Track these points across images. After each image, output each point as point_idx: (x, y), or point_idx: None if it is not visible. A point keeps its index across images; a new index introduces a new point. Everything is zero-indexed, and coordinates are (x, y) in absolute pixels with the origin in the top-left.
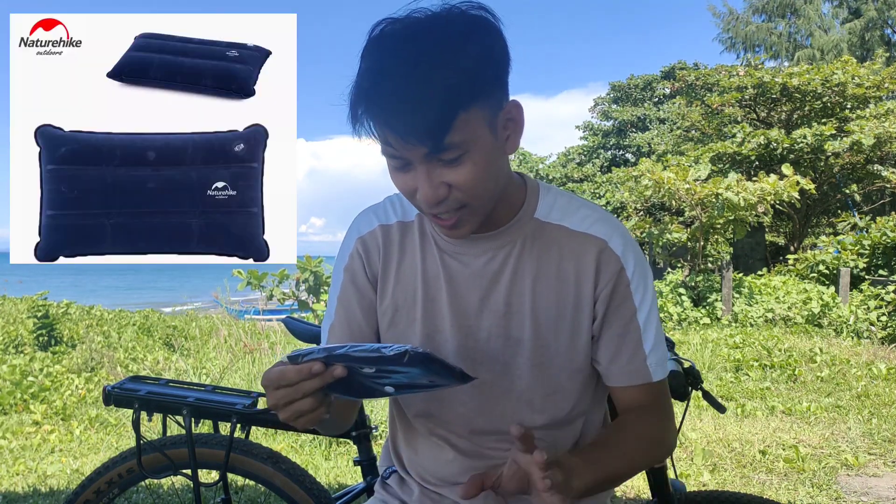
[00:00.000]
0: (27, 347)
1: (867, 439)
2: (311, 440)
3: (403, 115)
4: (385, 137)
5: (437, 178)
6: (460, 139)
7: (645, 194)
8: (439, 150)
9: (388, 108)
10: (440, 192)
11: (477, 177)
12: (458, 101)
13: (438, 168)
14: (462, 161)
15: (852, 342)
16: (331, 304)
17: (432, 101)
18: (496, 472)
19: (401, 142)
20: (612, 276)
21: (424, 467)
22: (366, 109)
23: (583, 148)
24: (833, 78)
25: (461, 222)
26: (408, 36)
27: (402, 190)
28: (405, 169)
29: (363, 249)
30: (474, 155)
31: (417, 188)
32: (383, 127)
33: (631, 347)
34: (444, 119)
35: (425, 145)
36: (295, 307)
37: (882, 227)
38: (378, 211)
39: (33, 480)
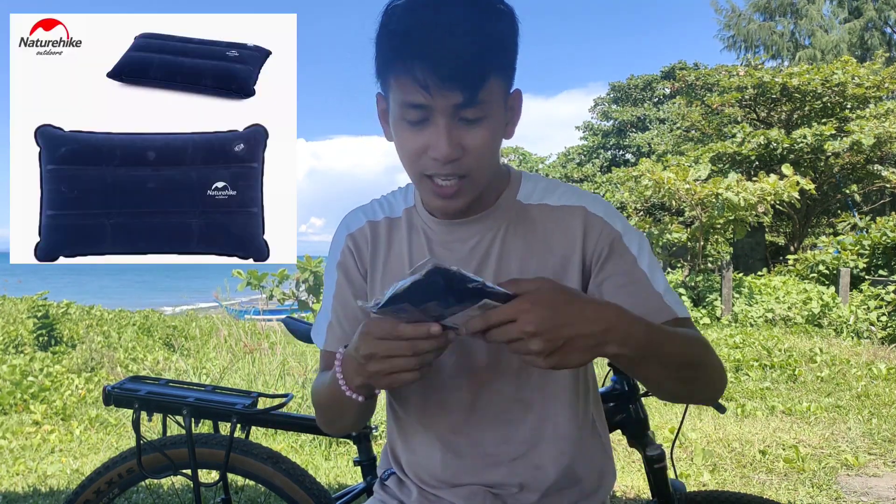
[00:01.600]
0: (27, 347)
1: (867, 439)
2: (311, 440)
3: (451, 59)
4: (424, 81)
5: (456, 137)
6: (486, 100)
7: (645, 194)
8: (471, 103)
9: (436, 51)
10: (455, 152)
11: (487, 145)
12: (492, 62)
13: (458, 128)
14: (480, 124)
15: (852, 342)
16: (326, 304)
17: (477, 53)
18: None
19: (440, 86)
20: (598, 234)
21: (422, 467)
22: (412, 51)
23: (583, 148)
24: (833, 78)
25: (459, 192)
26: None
27: (410, 150)
28: (423, 124)
29: (353, 245)
30: (490, 122)
31: (430, 146)
32: (427, 69)
33: (642, 291)
34: (483, 73)
35: (462, 93)
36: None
37: (882, 227)
38: (366, 209)
39: (33, 480)
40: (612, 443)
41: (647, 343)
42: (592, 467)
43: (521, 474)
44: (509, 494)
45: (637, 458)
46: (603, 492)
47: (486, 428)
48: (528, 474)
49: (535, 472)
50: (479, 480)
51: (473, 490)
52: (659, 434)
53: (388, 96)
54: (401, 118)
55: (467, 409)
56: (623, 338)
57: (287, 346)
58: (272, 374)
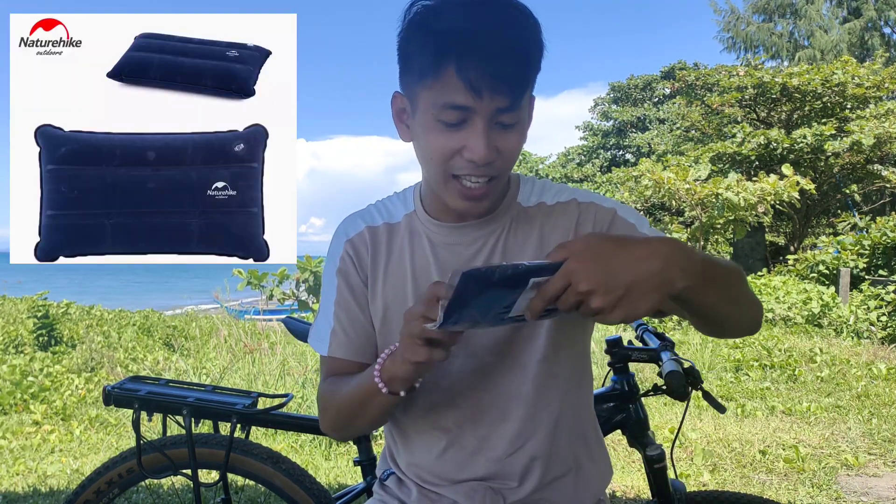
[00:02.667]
0: (27, 347)
1: (867, 439)
2: (311, 440)
3: (505, 62)
4: (475, 82)
5: (493, 140)
6: (524, 106)
7: (645, 194)
8: (513, 108)
9: (493, 52)
10: (493, 155)
11: (517, 149)
12: (535, 67)
13: (494, 131)
14: (515, 129)
15: (852, 342)
16: (326, 310)
17: (527, 56)
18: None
19: (491, 88)
20: (594, 216)
21: (422, 467)
22: (463, 50)
23: (583, 148)
24: (833, 78)
25: (486, 195)
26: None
27: (442, 150)
28: (459, 126)
29: (353, 251)
30: (522, 127)
31: (466, 148)
32: (481, 69)
33: None
34: (528, 77)
35: (507, 97)
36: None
37: (882, 227)
38: (364, 215)
39: (33, 480)
40: (612, 443)
41: (705, 268)
42: (586, 455)
43: (519, 468)
44: (508, 489)
45: (637, 458)
46: (598, 485)
47: (489, 424)
48: (526, 468)
49: (532, 464)
50: (479, 475)
51: (473, 486)
52: (659, 434)
53: (417, 96)
54: (435, 119)
55: (473, 407)
56: (683, 268)
57: (287, 346)
58: (272, 374)
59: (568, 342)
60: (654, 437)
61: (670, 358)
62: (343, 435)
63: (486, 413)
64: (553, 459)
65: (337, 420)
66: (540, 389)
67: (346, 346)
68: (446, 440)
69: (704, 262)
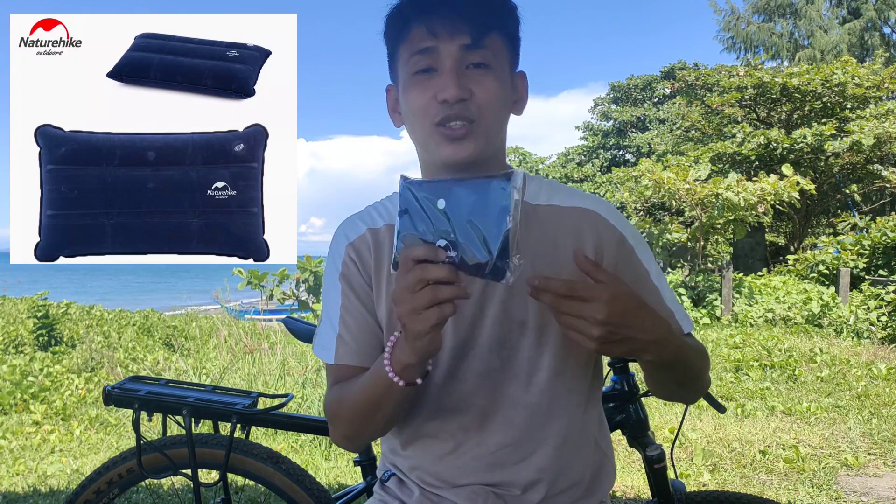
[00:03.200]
0: (27, 347)
1: (867, 439)
2: (311, 440)
3: (460, 5)
4: (431, 26)
5: (463, 80)
6: (491, 49)
7: (645, 194)
8: (476, 45)
9: (447, 1)
10: (464, 93)
11: (494, 94)
12: (497, 18)
13: (465, 74)
14: (487, 72)
15: (852, 342)
16: (331, 316)
17: (484, 5)
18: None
19: (447, 25)
20: (614, 245)
21: (425, 470)
22: (418, 6)
23: (583, 148)
24: (833, 78)
25: (468, 136)
26: None
27: (418, 101)
28: (429, 73)
29: (355, 254)
30: (496, 75)
31: (439, 91)
32: (434, 13)
33: (658, 307)
34: (488, 20)
35: (467, 33)
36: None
37: (882, 227)
38: (363, 217)
39: (33, 480)
40: (612, 443)
41: (675, 356)
42: (594, 468)
43: (524, 476)
44: (512, 496)
45: (637, 458)
46: (603, 491)
47: (495, 431)
48: (532, 476)
49: (539, 473)
50: (483, 481)
51: (476, 490)
52: (659, 434)
53: (398, 67)
54: (410, 74)
55: (477, 413)
56: (661, 350)
57: (287, 346)
58: (272, 374)
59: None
60: (654, 437)
61: None
62: (358, 444)
63: (490, 420)
64: (562, 474)
65: (350, 428)
66: (549, 401)
67: (354, 352)
68: (449, 446)
69: (679, 351)
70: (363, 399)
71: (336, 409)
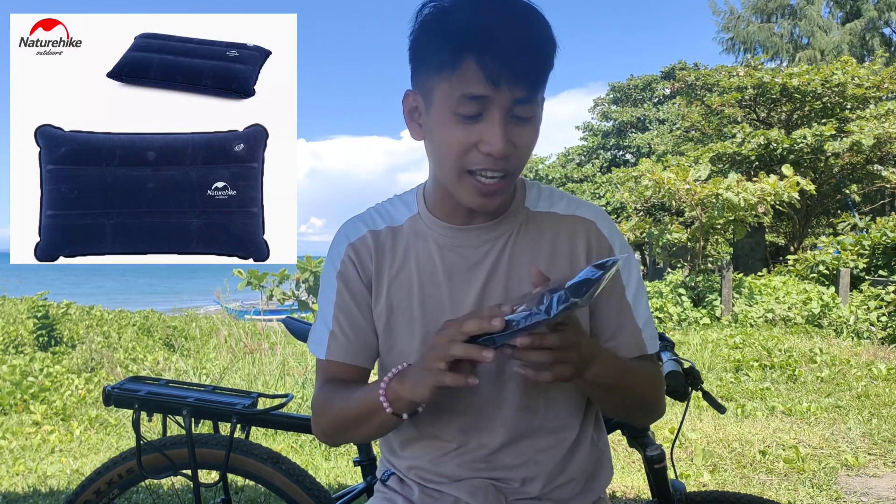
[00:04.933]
0: (27, 347)
1: (867, 439)
2: (311, 440)
3: (519, 54)
4: (494, 72)
5: (509, 133)
6: (538, 102)
7: (645, 195)
8: (530, 100)
9: (512, 43)
10: (508, 148)
11: (531, 145)
12: (549, 63)
13: (511, 125)
14: (530, 124)
15: (852, 342)
16: (326, 313)
17: (544, 50)
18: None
19: (510, 78)
20: (602, 255)
21: (425, 469)
22: (483, 43)
23: (582, 148)
24: (833, 78)
25: (500, 191)
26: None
27: (458, 145)
28: (476, 119)
29: (355, 255)
30: (536, 124)
31: (482, 141)
32: (500, 60)
33: (626, 325)
34: (545, 71)
35: (524, 88)
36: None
37: (882, 227)
38: (365, 219)
39: (33, 480)
40: (612, 443)
41: (615, 379)
42: (591, 465)
43: (523, 472)
44: (511, 489)
45: (637, 458)
46: (600, 487)
47: (494, 431)
48: (531, 472)
49: (537, 470)
50: (482, 475)
51: (476, 483)
52: (659, 434)
53: (432, 92)
54: (452, 112)
55: (477, 415)
56: (597, 376)
57: (287, 347)
58: (272, 375)
59: None
60: (654, 437)
61: (670, 358)
62: (335, 441)
63: (489, 421)
64: (560, 471)
65: (332, 428)
66: (546, 401)
67: (346, 350)
68: (448, 447)
69: (618, 374)
70: (352, 410)
71: (322, 407)
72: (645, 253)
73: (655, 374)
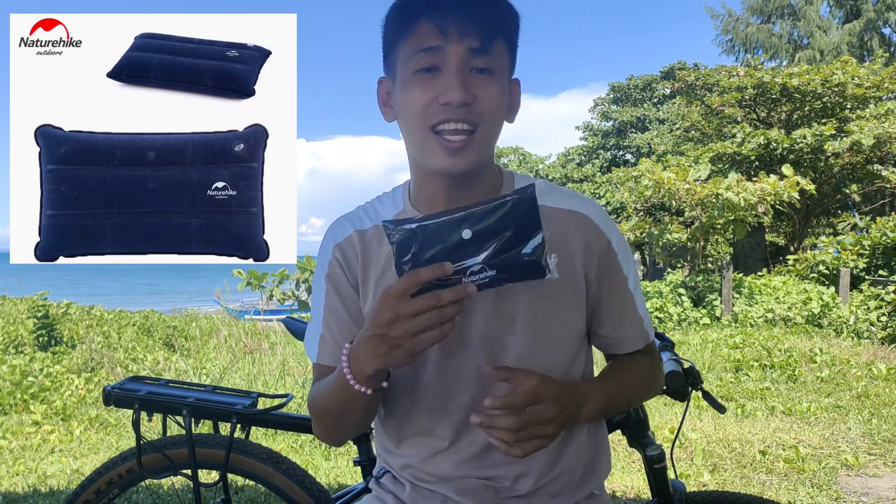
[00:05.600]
0: (27, 347)
1: (867, 439)
2: (311, 440)
3: (470, 6)
4: (441, 23)
5: (468, 84)
6: (495, 56)
7: (645, 194)
8: (484, 51)
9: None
10: (468, 97)
11: (495, 102)
12: (503, 25)
13: (469, 77)
14: (492, 77)
15: (852, 342)
16: (316, 316)
17: (492, 9)
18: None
19: (456, 27)
20: (601, 250)
21: (417, 468)
22: (431, 1)
23: (583, 148)
24: (833, 78)
25: (466, 148)
26: None
27: (419, 101)
28: (432, 72)
29: (341, 256)
30: (498, 81)
31: (442, 93)
32: (448, 12)
33: (628, 315)
34: (496, 26)
35: (476, 37)
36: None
37: (882, 227)
38: (352, 218)
39: (33, 480)
40: (612, 443)
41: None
42: (587, 459)
43: (515, 469)
44: (503, 487)
45: (637, 458)
46: (596, 480)
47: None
48: (523, 468)
49: (529, 465)
50: (473, 474)
51: (467, 483)
52: (659, 434)
53: (396, 61)
54: (411, 72)
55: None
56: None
57: (287, 346)
58: (272, 375)
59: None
60: (654, 437)
61: (670, 358)
62: (337, 438)
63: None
64: (552, 465)
65: (322, 426)
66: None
67: (335, 353)
68: (439, 445)
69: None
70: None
71: (315, 405)
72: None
73: (649, 367)
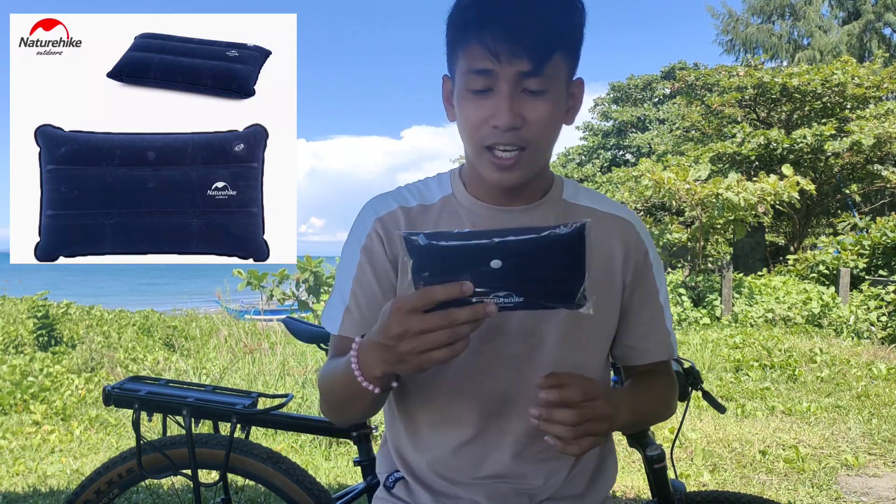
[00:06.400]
0: (27, 347)
1: (867, 439)
2: (311, 440)
3: (521, 27)
4: (493, 47)
5: (518, 106)
6: (550, 75)
7: (645, 194)
8: (535, 73)
9: (508, 18)
10: (516, 121)
11: (547, 120)
12: (560, 38)
13: (520, 98)
14: (543, 98)
15: (852, 342)
16: (343, 287)
17: (547, 24)
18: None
19: (508, 52)
20: (639, 257)
21: (438, 462)
22: (483, 19)
23: (583, 148)
24: (833, 78)
25: (517, 164)
26: None
27: (472, 120)
28: (486, 94)
29: (383, 230)
30: (552, 98)
31: (492, 116)
32: (497, 35)
33: (658, 326)
34: (550, 45)
35: (529, 61)
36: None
37: (882, 227)
38: (395, 195)
39: (33, 480)
40: (612, 443)
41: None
42: (598, 459)
43: (545, 466)
44: (533, 488)
45: (637, 458)
46: (608, 483)
47: (515, 419)
48: (553, 466)
49: (559, 461)
50: (500, 472)
51: (495, 487)
52: (659, 434)
53: (455, 72)
54: (465, 88)
55: (497, 399)
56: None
57: (287, 346)
58: (272, 374)
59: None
60: (654, 437)
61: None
62: (341, 421)
63: (512, 406)
64: (574, 465)
65: (328, 404)
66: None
67: (360, 326)
68: (466, 434)
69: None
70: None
71: (324, 382)
72: None
73: (669, 388)
